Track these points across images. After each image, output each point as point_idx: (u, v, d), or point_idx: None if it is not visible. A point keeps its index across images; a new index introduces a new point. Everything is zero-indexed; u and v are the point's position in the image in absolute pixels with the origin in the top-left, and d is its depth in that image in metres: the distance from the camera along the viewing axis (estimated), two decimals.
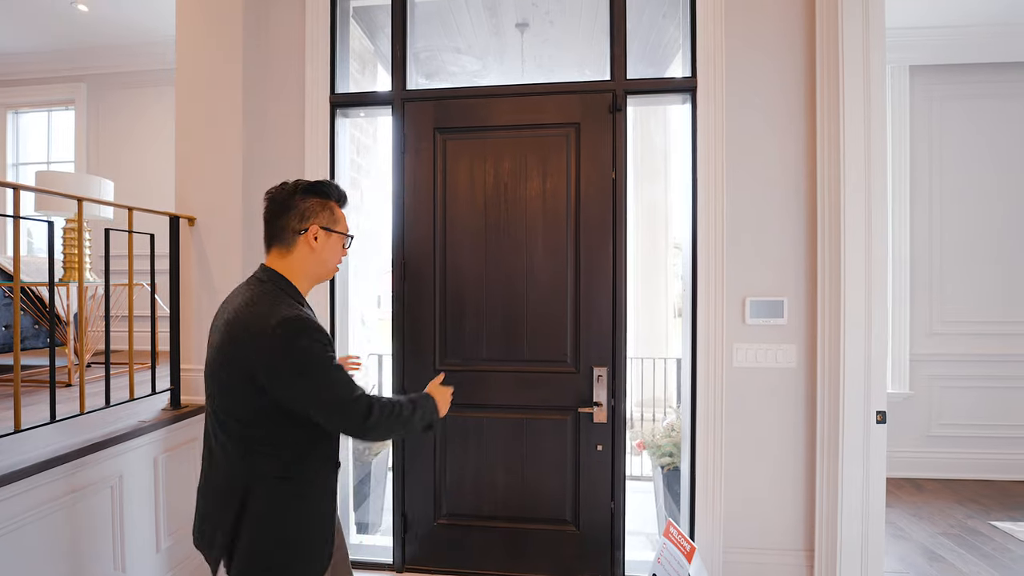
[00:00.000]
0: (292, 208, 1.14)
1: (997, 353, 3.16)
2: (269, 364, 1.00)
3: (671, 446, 2.54)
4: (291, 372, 1.00)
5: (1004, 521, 2.60)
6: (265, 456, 1.06)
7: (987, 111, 3.17)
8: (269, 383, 1.01)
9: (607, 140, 2.02)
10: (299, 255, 1.15)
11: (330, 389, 1.03)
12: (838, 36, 1.84)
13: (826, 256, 1.89)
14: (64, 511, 1.47)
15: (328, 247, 1.18)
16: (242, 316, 1.04)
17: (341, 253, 1.22)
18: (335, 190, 1.20)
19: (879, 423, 1.82)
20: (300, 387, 1.01)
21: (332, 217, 1.18)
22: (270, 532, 1.06)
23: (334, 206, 1.19)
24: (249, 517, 1.05)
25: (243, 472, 1.06)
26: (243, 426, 1.06)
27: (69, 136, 3.97)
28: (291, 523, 1.07)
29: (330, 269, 1.21)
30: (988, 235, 3.18)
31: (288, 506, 1.07)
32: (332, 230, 1.18)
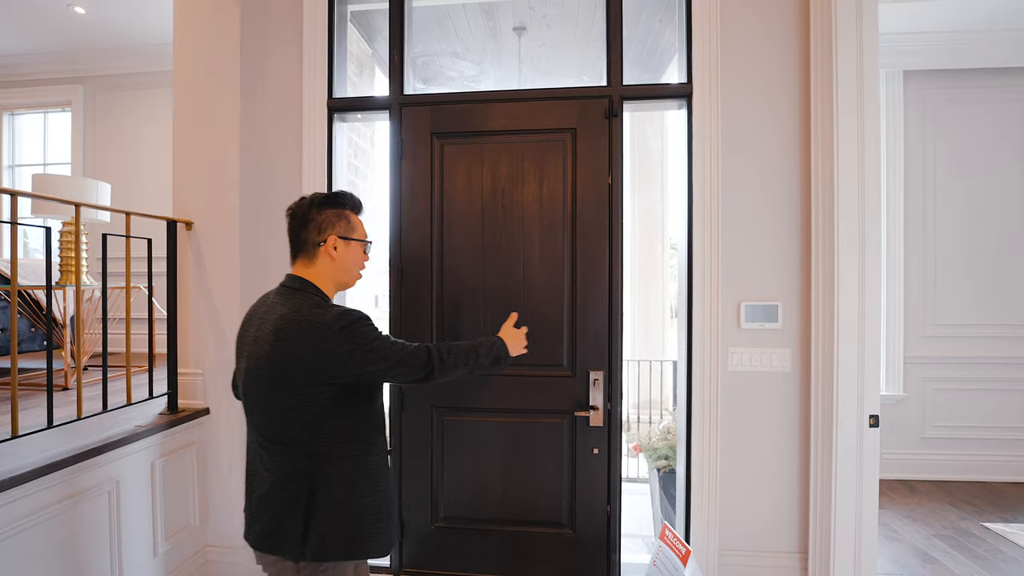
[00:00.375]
0: (311, 221, 1.22)
1: (990, 355, 3.18)
2: (337, 353, 1.11)
3: (667, 449, 2.56)
4: (359, 351, 1.12)
5: (997, 523, 2.63)
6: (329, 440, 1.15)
7: (980, 116, 3.20)
8: (342, 369, 1.12)
9: (603, 145, 2.03)
10: (322, 265, 1.23)
11: (392, 350, 1.18)
12: (832, 44, 1.86)
13: (820, 261, 1.90)
14: (61, 516, 1.47)
15: (348, 255, 1.25)
16: (295, 323, 1.12)
17: (363, 259, 1.30)
18: (350, 199, 1.28)
19: (872, 427, 1.84)
20: (369, 361, 1.14)
21: (349, 226, 1.25)
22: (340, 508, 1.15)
23: (350, 215, 1.27)
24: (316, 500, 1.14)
25: (306, 463, 1.14)
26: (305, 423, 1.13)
27: (66, 138, 3.97)
28: (362, 495, 1.17)
29: (353, 276, 1.29)
30: (981, 239, 3.21)
31: (355, 480, 1.17)
32: (350, 238, 1.25)
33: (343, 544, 1.13)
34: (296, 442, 1.14)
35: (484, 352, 1.31)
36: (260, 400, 1.16)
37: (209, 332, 2.05)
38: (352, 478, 1.16)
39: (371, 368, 1.15)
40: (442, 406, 2.10)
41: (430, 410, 2.11)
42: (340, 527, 1.13)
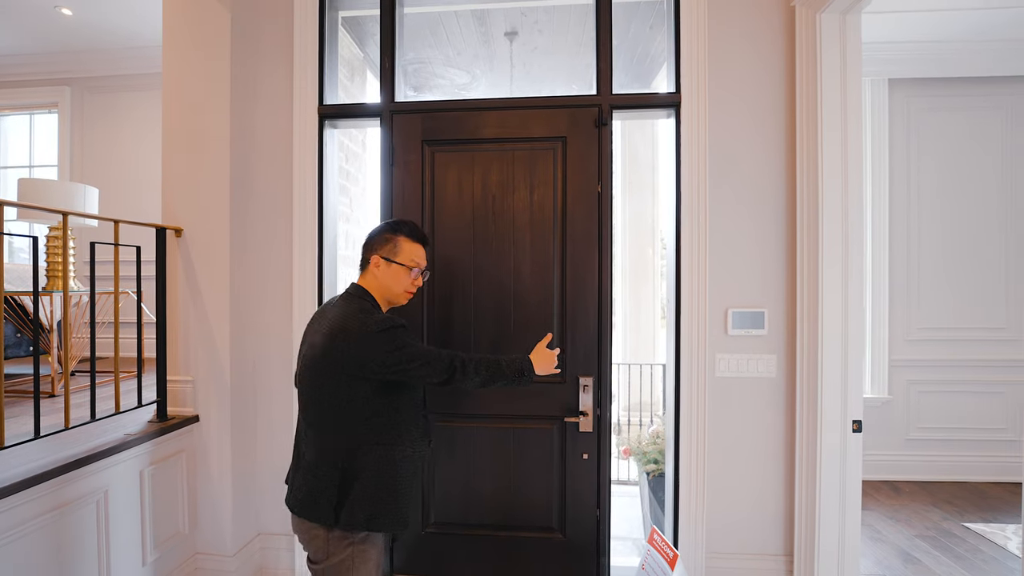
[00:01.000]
0: (370, 242, 1.44)
1: (971, 358, 3.25)
2: (374, 355, 1.27)
3: (656, 453, 2.59)
4: (393, 354, 1.28)
5: (977, 523, 2.69)
6: (361, 429, 1.31)
7: (962, 124, 3.26)
8: (378, 369, 1.27)
9: (593, 154, 2.06)
10: (368, 278, 1.43)
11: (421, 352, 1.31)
12: (816, 54, 1.89)
13: (805, 269, 1.94)
14: (49, 527, 1.47)
15: (388, 275, 1.41)
16: (344, 325, 1.30)
17: (408, 281, 1.44)
18: (405, 227, 1.45)
19: (855, 432, 1.88)
20: (401, 363, 1.28)
21: (394, 249, 1.42)
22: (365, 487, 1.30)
23: (400, 240, 1.43)
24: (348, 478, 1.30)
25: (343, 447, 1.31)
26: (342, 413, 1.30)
27: (52, 140, 3.92)
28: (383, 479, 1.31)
29: (397, 294, 1.44)
30: (963, 244, 3.27)
31: (379, 467, 1.31)
32: (392, 260, 1.41)
33: (367, 519, 1.29)
34: (335, 429, 1.31)
35: (507, 365, 1.41)
36: (308, 387, 1.33)
37: (199, 339, 2.04)
38: (380, 466, 1.31)
39: (404, 367, 1.29)
40: (434, 411, 2.11)
41: None
42: (366, 505, 1.30)
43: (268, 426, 2.19)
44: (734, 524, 2.04)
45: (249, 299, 2.17)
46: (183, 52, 2.05)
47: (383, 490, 1.31)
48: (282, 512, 2.19)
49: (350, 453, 1.31)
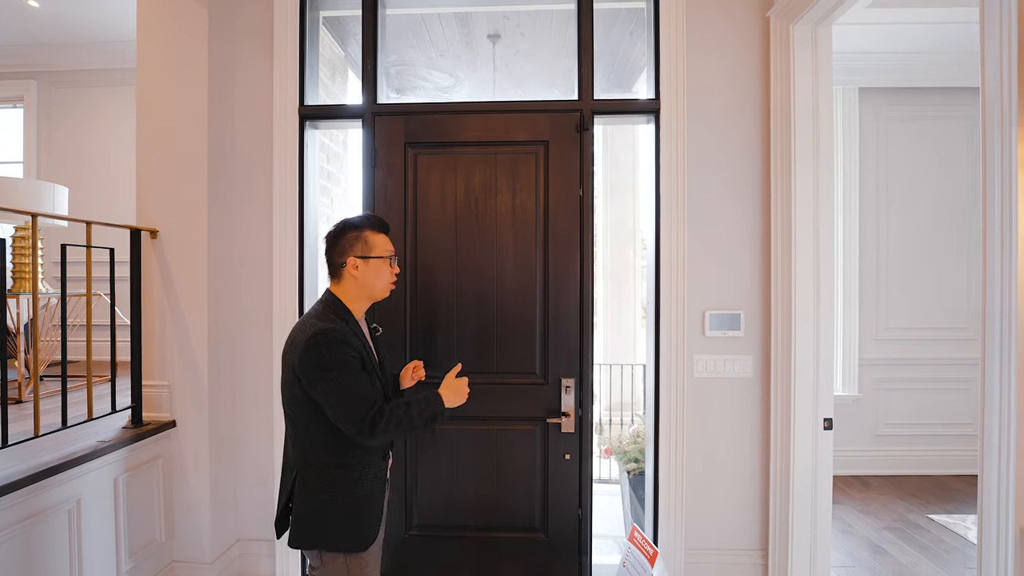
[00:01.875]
0: (336, 245, 1.36)
1: (936, 357, 3.39)
2: (304, 365, 1.21)
3: (637, 452, 2.63)
4: (316, 372, 1.21)
5: (940, 514, 2.81)
6: (315, 445, 1.27)
7: (929, 133, 3.40)
8: (304, 381, 1.22)
9: (575, 158, 2.08)
10: (347, 283, 1.35)
11: (342, 391, 1.21)
12: (789, 64, 1.95)
13: (779, 273, 2.00)
14: (18, 539, 1.43)
15: (369, 272, 1.35)
16: (296, 329, 1.29)
17: (388, 272, 1.39)
18: (368, 221, 1.39)
19: (826, 429, 1.95)
20: (320, 387, 1.21)
21: (366, 246, 1.35)
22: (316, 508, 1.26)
23: (368, 235, 1.36)
24: (299, 494, 1.27)
25: (299, 457, 1.29)
26: (298, 419, 1.27)
27: (17, 135, 3.78)
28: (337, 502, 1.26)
29: (380, 288, 1.38)
30: (928, 249, 3.41)
31: (333, 489, 1.26)
32: (368, 257, 1.35)
33: (314, 537, 1.26)
34: (294, 439, 1.30)
35: (417, 414, 1.28)
36: (281, 389, 1.32)
37: (175, 343, 2.00)
38: (330, 484, 1.27)
39: (319, 395, 1.21)
40: None
41: None
42: (312, 522, 1.25)
43: (246, 431, 2.16)
44: (712, 520, 2.09)
45: (228, 302, 2.13)
46: (159, 48, 2.01)
47: (334, 510, 1.26)
48: (262, 517, 2.16)
49: (302, 468, 1.28)
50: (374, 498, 1.32)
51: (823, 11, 1.85)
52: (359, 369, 1.24)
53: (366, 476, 1.30)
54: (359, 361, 1.25)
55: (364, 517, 1.29)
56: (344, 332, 1.24)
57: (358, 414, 1.20)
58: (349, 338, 1.24)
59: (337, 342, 1.22)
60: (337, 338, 1.22)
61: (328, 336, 1.21)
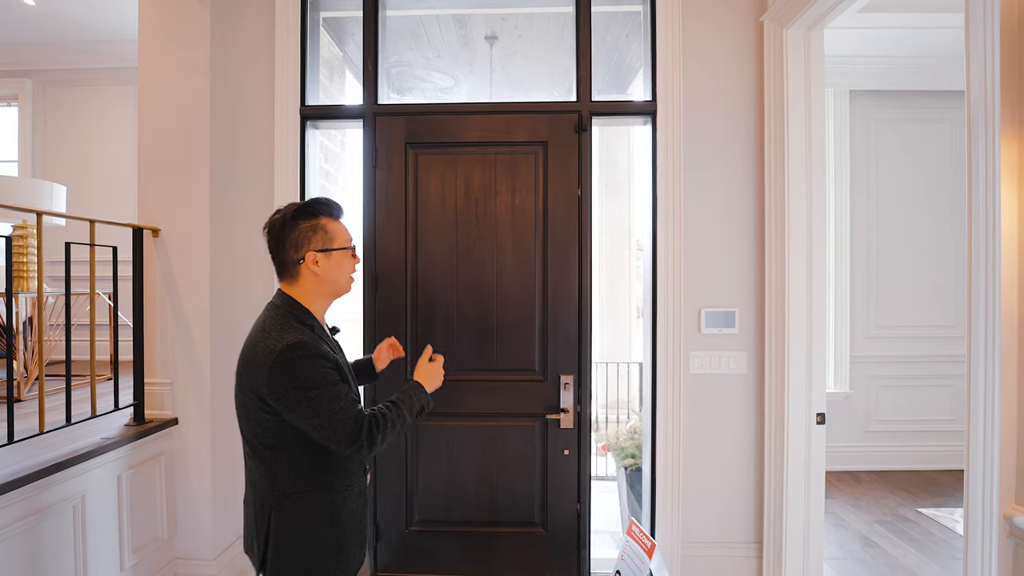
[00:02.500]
0: (286, 239, 1.15)
1: (926, 354, 3.46)
2: (274, 386, 1.05)
3: (634, 448, 2.67)
4: (293, 393, 1.05)
5: (929, 508, 2.87)
6: (290, 474, 1.11)
7: (919, 135, 3.47)
8: (276, 404, 1.06)
9: (573, 158, 2.12)
10: (306, 282, 1.16)
11: (327, 409, 1.06)
12: (783, 66, 2.00)
13: (773, 271, 2.04)
14: (24, 534, 1.44)
15: (331, 267, 1.17)
16: (254, 343, 1.11)
17: (350, 264, 1.22)
18: (323, 207, 1.19)
19: (819, 424, 1.99)
20: (301, 409, 1.05)
21: (326, 237, 1.17)
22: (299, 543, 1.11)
23: (326, 223, 1.18)
24: (276, 531, 1.10)
25: (270, 490, 1.12)
26: (266, 447, 1.11)
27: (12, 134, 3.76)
28: (321, 533, 1.13)
29: (343, 284, 1.22)
30: (918, 248, 3.48)
31: (316, 518, 1.12)
32: (330, 249, 1.17)
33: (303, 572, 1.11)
34: (262, 464, 1.12)
35: (408, 411, 1.18)
36: (237, 414, 1.16)
37: (177, 341, 2.01)
38: (311, 516, 1.12)
39: (298, 418, 1.06)
40: None
41: None
42: (298, 562, 1.11)
43: None
44: (708, 514, 2.14)
45: (230, 300, 2.15)
46: (160, 47, 2.02)
47: (321, 546, 1.12)
48: None
49: (276, 501, 1.11)
50: (359, 517, 1.20)
51: (815, 16, 1.90)
52: (339, 382, 1.10)
53: (350, 496, 1.17)
54: (336, 372, 1.10)
55: (352, 540, 1.17)
56: (315, 343, 1.09)
57: (352, 432, 1.07)
58: (322, 349, 1.09)
59: (310, 356, 1.06)
60: (309, 352, 1.06)
61: (298, 351, 1.05)
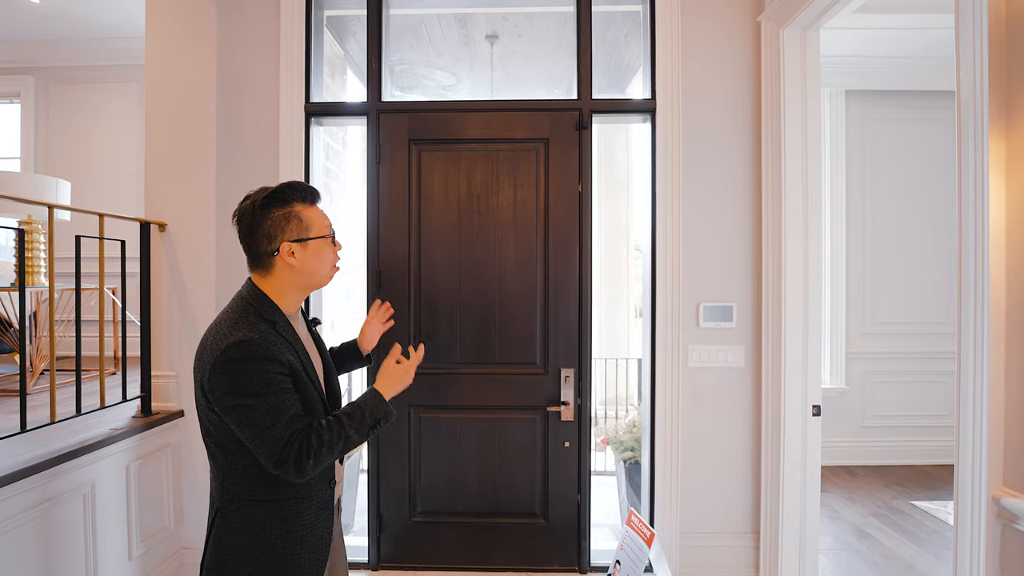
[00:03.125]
0: (257, 229, 1.05)
1: (920, 350, 3.51)
2: (212, 385, 0.97)
3: (633, 441, 2.71)
4: (228, 398, 0.96)
5: (923, 501, 2.92)
6: (239, 478, 1.01)
7: (914, 135, 3.52)
8: (215, 405, 0.98)
9: (574, 155, 2.15)
10: (281, 275, 1.07)
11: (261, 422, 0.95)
12: (779, 66, 2.04)
13: (769, 266, 2.08)
14: (37, 521, 1.46)
15: (309, 257, 1.07)
16: (206, 335, 1.03)
17: (331, 253, 1.11)
18: (296, 192, 1.08)
19: (815, 416, 2.03)
20: (234, 416, 0.96)
21: (301, 226, 1.06)
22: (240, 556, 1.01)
23: (300, 210, 1.07)
24: (218, 539, 1.02)
25: (218, 492, 1.03)
26: (217, 446, 1.02)
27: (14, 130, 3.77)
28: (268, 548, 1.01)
29: (322, 276, 1.11)
30: (912, 246, 3.53)
31: (263, 530, 1.01)
32: (307, 238, 1.06)
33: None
34: (214, 463, 1.05)
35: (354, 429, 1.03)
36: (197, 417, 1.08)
37: (183, 334, 2.04)
38: (257, 527, 1.01)
39: (232, 425, 0.96)
40: (418, 404, 2.17)
41: (407, 408, 2.18)
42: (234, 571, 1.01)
43: None
44: (706, 505, 2.17)
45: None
46: (167, 43, 2.05)
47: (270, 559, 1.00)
48: None
49: (223, 506, 1.02)
50: (319, 532, 1.06)
51: (811, 16, 1.94)
52: (285, 389, 0.98)
53: (308, 510, 1.04)
54: (287, 377, 1.00)
55: (306, 558, 1.03)
56: (265, 343, 0.98)
57: (279, 453, 0.95)
58: (272, 350, 0.98)
59: (255, 359, 0.95)
60: (254, 353, 0.96)
61: (243, 351, 0.95)
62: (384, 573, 2.16)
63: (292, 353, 1.03)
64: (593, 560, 2.20)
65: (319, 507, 1.07)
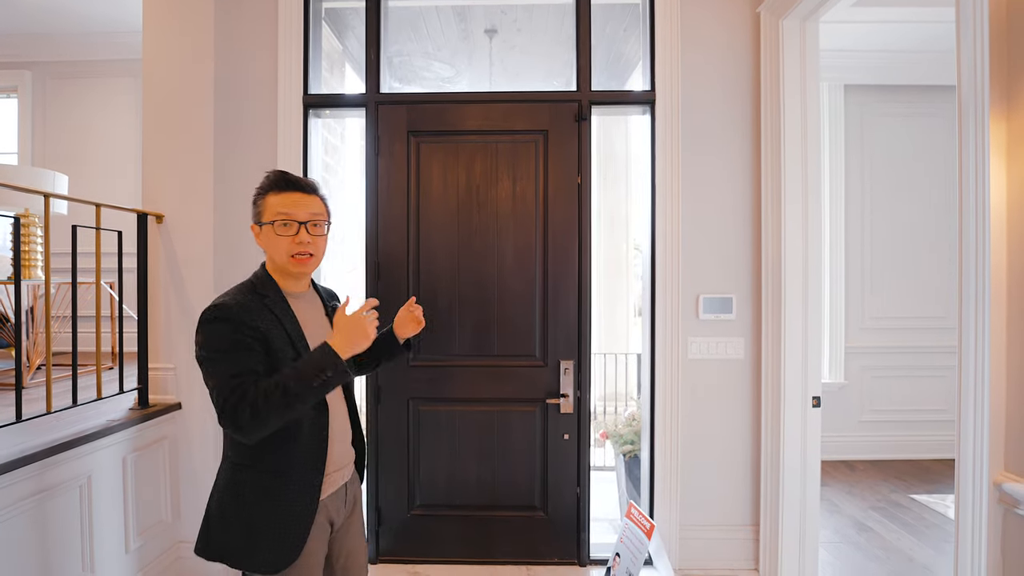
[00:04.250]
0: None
1: (919, 345, 3.51)
2: (196, 341, 1.08)
3: (632, 435, 2.70)
4: (197, 350, 1.07)
5: (922, 494, 2.92)
6: (228, 440, 1.12)
7: (912, 129, 3.52)
8: (197, 358, 1.07)
9: (573, 147, 2.15)
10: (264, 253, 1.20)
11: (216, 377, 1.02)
12: (779, 57, 2.03)
13: (769, 258, 2.08)
14: (33, 511, 1.45)
15: (264, 239, 1.15)
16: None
17: (287, 242, 1.12)
18: (270, 180, 1.16)
19: (815, 407, 2.03)
20: (203, 369, 1.05)
21: (257, 210, 1.15)
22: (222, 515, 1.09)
23: (268, 197, 1.14)
24: (212, 493, 1.14)
25: (223, 449, 1.15)
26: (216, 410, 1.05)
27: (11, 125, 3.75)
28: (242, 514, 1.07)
29: (282, 261, 1.14)
30: (911, 240, 3.53)
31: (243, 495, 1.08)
32: (260, 223, 1.15)
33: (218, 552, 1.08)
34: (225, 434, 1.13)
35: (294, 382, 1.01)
36: None
37: (181, 326, 2.03)
38: (240, 490, 1.08)
39: (204, 379, 1.05)
40: (417, 397, 2.16)
41: (406, 402, 2.17)
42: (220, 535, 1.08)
43: None
44: (705, 497, 2.17)
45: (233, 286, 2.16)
46: (164, 33, 2.04)
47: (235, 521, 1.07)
48: None
49: (221, 463, 1.13)
50: (294, 514, 1.08)
51: (810, 7, 1.93)
52: (250, 349, 1.04)
53: (287, 488, 1.08)
54: (255, 341, 1.05)
55: (268, 535, 1.06)
56: (238, 308, 1.05)
57: (219, 403, 1.00)
58: (243, 315, 1.05)
59: (220, 320, 1.04)
60: (221, 315, 1.04)
61: (216, 312, 1.05)
62: (383, 566, 2.15)
63: (273, 323, 1.09)
64: (592, 553, 2.19)
65: (300, 489, 1.09)
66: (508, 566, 2.15)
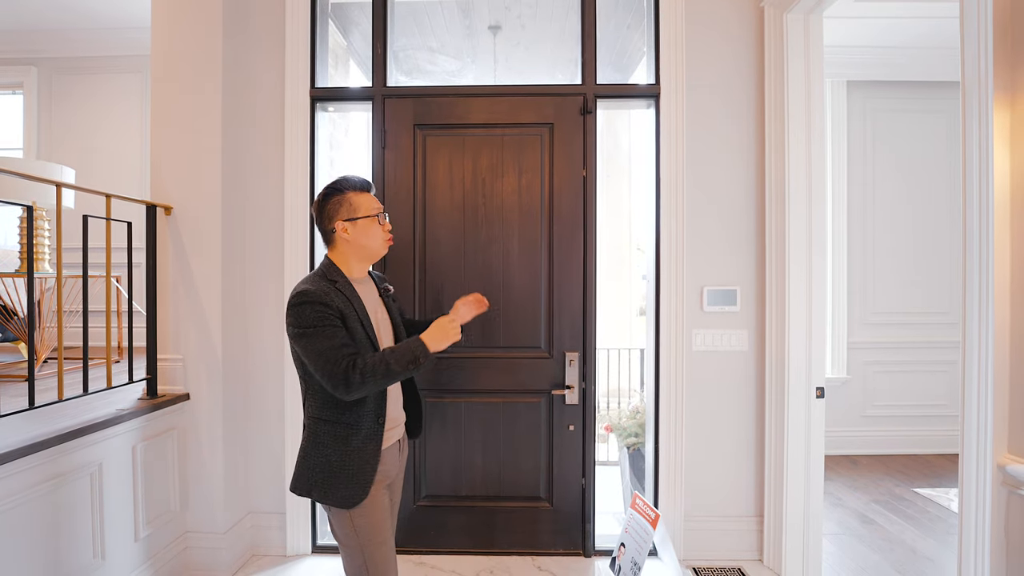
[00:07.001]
0: (322, 213, 1.38)
1: (921, 340, 3.52)
2: (287, 323, 1.29)
3: (636, 427, 2.72)
4: (293, 333, 1.27)
5: (925, 488, 2.93)
6: (315, 399, 1.34)
7: (914, 124, 3.53)
8: (291, 342, 1.30)
9: (578, 140, 2.16)
10: (341, 248, 1.39)
11: (319, 348, 1.24)
12: (783, 51, 2.05)
13: (773, 250, 2.09)
14: (44, 498, 1.47)
15: (360, 233, 1.37)
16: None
17: (380, 230, 1.40)
18: (349, 183, 1.39)
19: (818, 398, 2.04)
20: (300, 345, 1.27)
21: (351, 208, 1.37)
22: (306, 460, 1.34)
23: (352, 196, 1.37)
24: (301, 445, 1.37)
25: (305, 409, 1.37)
26: (303, 373, 1.35)
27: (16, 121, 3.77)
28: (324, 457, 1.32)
29: (376, 247, 1.40)
30: (913, 236, 3.54)
31: (323, 443, 1.32)
32: (355, 218, 1.37)
33: (303, 486, 1.33)
34: (304, 386, 1.37)
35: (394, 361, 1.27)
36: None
37: (189, 317, 2.04)
38: (320, 439, 1.33)
39: (300, 353, 1.28)
40: (423, 388, 2.17)
41: None
42: (307, 473, 1.33)
43: (260, 404, 2.21)
44: (710, 488, 2.18)
45: (241, 277, 2.18)
46: (173, 27, 2.05)
47: (323, 464, 1.31)
48: (272, 490, 2.21)
49: (306, 422, 1.36)
50: (363, 458, 1.31)
51: (813, 1, 1.95)
52: (335, 325, 1.26)
53: (355, 435, 1.32)
54: (338, 318, 1.27)
55: (343, 475, 1.30)
56: (319, 292, 1.27)
57: (331, 369, 1.22)
58: (324, 298, 1.26)
59: (311, 302, 1.25)
60: (311, 298, 1.25)
61: (302, 297, 1.26)
62: None
63: (345, 303, 1.31)
64: (597, 543, 2.20)
65: (366, 437, 1.33)
66: (513, 557, 2.16)
